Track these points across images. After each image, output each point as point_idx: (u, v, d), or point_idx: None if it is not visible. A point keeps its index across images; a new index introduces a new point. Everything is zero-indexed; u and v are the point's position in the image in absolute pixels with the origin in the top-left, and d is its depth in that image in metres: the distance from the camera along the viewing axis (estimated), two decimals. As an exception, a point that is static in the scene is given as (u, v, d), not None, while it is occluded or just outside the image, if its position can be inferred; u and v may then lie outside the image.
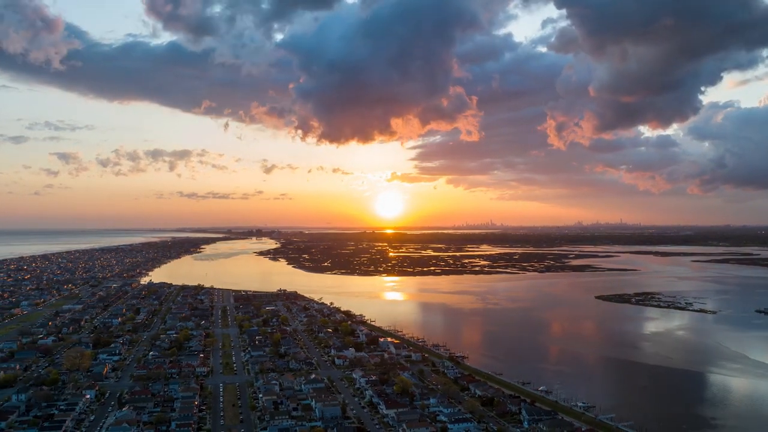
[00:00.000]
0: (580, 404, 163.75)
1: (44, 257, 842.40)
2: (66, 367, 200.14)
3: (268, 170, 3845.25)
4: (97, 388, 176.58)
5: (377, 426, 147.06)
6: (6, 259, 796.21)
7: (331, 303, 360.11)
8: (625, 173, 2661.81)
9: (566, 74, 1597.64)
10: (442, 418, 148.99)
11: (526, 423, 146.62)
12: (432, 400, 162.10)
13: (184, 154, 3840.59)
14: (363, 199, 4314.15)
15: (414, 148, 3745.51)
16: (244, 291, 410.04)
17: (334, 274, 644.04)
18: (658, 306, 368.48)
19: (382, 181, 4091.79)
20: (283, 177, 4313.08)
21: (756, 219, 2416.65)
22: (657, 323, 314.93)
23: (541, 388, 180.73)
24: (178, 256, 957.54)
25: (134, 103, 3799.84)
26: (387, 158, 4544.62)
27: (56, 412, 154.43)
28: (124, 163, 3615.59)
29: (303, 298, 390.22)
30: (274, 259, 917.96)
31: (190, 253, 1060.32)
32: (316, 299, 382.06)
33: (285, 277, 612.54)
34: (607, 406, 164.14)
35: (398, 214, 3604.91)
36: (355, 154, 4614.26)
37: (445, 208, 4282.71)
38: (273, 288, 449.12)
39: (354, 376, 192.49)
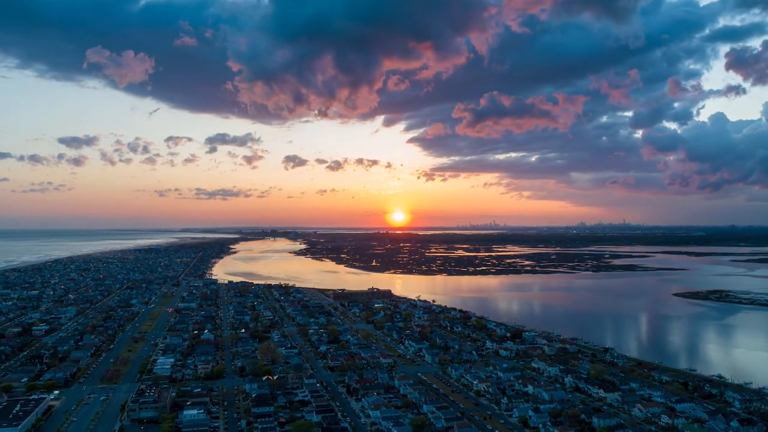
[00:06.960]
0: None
1: (95, 258, 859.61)
2: (262, 359, 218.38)
3: (288, 167, 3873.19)
4: (314, 377, 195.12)
5: (605, 407, 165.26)
6: (59, 259, 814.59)
7: (434, 300, 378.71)
8: (678, 162, 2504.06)
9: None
10: (658, 399, 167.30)
11: (737, 403, 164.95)
12: (633, 385, 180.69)
13: (187, 150, 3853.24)
14: (370, 198, 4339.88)
15: (418, 142, 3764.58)
16: (340, 290, 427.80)
17: (393, 273, 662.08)
18: (740, 303, 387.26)
19: (392, 179, 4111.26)
20: (292, 175, 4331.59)
21: (760, 219, 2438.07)
22: (756, 317, 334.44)
23: (714, 374, 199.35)
24: (219, 256, 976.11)
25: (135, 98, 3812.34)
26: (397, 156, 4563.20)
27: (308, 398, 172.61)
28: (129, 156, 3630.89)
29: (396, 296, 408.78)
30: (318, 258, 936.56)
31: (228, 253, 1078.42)
32: (412, 297, 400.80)
33: (346, 276, 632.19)
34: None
35: (403, 214, 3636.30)
36: (364, 149, 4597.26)
37: (446, 208, 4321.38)
38: (348, 286, 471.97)
39: (534, 365, 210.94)
